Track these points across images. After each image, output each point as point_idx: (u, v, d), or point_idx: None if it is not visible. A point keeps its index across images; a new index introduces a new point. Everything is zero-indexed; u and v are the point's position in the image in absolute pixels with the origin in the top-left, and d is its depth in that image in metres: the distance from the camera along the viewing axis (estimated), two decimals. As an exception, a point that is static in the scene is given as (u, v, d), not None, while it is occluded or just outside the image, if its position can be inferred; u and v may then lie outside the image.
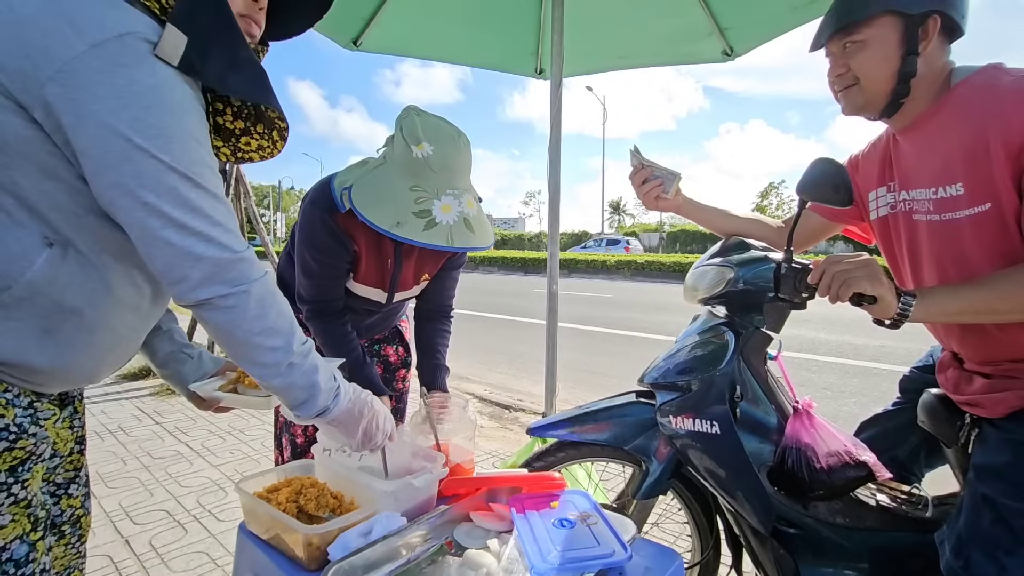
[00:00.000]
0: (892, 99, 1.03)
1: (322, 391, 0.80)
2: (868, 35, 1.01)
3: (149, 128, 0.64)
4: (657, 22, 2.43)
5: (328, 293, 1.35)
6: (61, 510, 0.86)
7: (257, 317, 0.73)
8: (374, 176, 1.20)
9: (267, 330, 0.73)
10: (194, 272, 0.68)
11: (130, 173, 0.64)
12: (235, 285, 0.70)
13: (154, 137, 0.64)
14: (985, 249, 0.96)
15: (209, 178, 0.70)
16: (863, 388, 4.59)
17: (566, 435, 1.41)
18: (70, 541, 0.87)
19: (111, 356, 0.81)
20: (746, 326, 1.24)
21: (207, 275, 0.69)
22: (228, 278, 0.70)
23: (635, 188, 1.39)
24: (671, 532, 2.13)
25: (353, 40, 2.45)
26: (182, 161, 0.66)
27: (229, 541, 2.08)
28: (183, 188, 0.67)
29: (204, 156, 0.70)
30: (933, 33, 0.98)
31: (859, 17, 1.01)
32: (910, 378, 1.37)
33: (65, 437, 0.84)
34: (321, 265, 1.30)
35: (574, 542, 0.83)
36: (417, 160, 1.15)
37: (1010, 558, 0.91)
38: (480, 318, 8.86)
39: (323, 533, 0.83)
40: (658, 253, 27.59)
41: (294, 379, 0.77)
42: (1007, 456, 0.96)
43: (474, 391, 4.46)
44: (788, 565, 1.20)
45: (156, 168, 0.65)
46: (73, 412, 0.87)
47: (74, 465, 0.88)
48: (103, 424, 3.37)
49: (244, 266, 0.71)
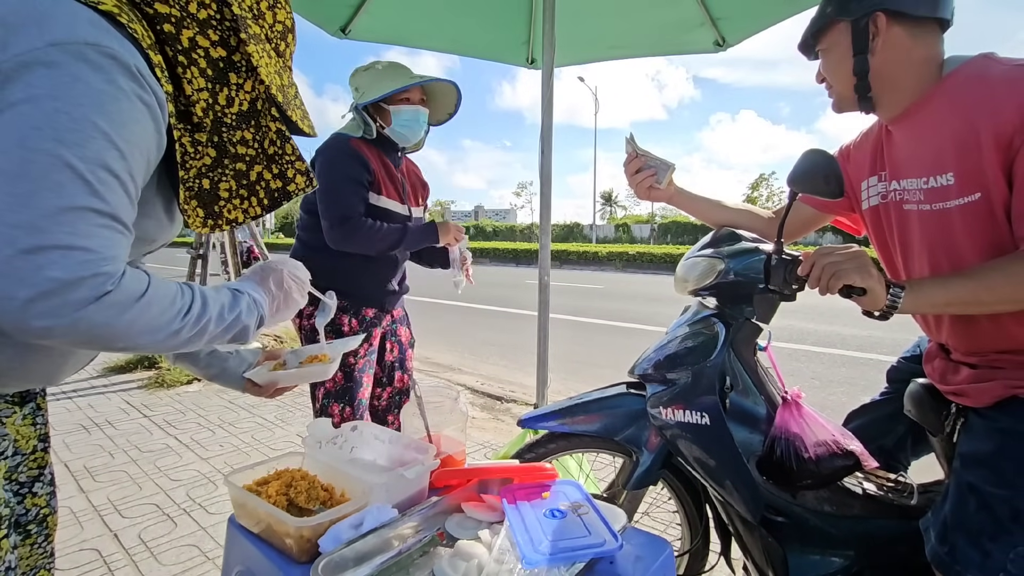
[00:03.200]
0: (858, 96, 1.09)
1: (242, 316, 0.78)
2: (827, 43, 1.11)
3: (69, 122, 0.57)
4: (649, 12, 2.42)
5: (356, 207, 1.66)
6: (26, 509, 0.84)
7: (121, 329, 0.61)
8: (367, 95, 1.67)
9: (144, 330, 0.64)
10: (26, 288, 0.54)
11: (17, 159, 0.54)
12: (82, 307, 0.57)
13: (68, 131, 0.57)
14: (975, 239, 0.96)
15: (112, 188, 0.60)
16: (851, 378, 4.65)
17: (557, 426, 1.41)
18: (36, 540, 0.86)
19: (73, 358, 0.79)
20: (736, 317, 1.24)
21: (45, 292, 0.54)
22: (74, 299, 0.56)
23: (628, 177, 1.39)
24: (661, 521, 2.15)
25: (342, 28, 2.41)
26: (88, 162, 0.57)
27: (219, 534, 2.07)
28: (69, 188, 0.56)
29: (119, 170, 0.61)
30: (883, 28, 1.01)
31: (816, 28, 1.11)
32: (897, 368, 1.38)
33: (27, 434, 0.83)
34: (347, 181, 1.65)
35: (565, 532, 0.83)
36: (379, 71, 1.72)
37: (994, 544, 0.92)
38: (472, 309, 8.85)
39: (314, 525, 0.83)
40: (649, 244, 27.65)
41: (209, 333, 0.72)
42: (992, 444, 0.98)
43: (466, 382, 4.47)
44: (776, 553, 1.21)
45: (52, 162, 0.56)
46: (35, 409, 0.85)
47: (38, 463, 0.86)
48: (90, 418, 3.33)
49: (99, 280, 0.58)
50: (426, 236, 1.80)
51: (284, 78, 0.83)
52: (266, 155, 0.82)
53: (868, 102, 1.09)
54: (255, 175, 0.82)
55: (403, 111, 1.72)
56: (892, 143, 1.11)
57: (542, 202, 2.19)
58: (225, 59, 0.74)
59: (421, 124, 1.78)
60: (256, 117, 0.80)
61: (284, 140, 0.82)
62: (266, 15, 0.80)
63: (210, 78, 0.74)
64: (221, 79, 0.75)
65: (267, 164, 0.82)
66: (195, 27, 0.71)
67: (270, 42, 0.81)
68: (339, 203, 1.65)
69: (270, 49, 0.81)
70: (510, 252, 23.71)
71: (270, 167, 0.83)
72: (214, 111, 0.75)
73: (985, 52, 0.99)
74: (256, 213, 0.84)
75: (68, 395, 3.74)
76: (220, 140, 0.78)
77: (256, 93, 0.78)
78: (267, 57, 0.79)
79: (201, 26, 0.72)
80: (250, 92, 0.78)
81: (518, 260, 22.70)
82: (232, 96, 0.76)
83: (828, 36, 1.10)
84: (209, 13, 0.72)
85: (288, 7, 0.84)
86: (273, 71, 0.80)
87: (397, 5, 2.40)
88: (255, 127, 0.80)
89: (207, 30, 0.72)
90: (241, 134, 0.79)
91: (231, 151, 0.79)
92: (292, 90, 0.85)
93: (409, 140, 1.79)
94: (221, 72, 0.74)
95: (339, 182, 1.65)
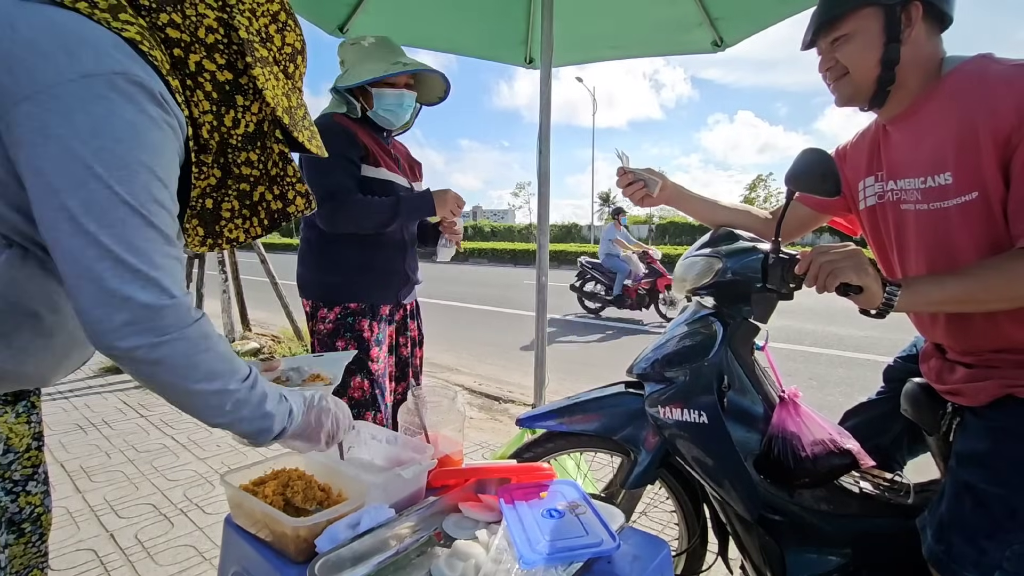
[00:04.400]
0: (878, 87, 1.04)
1: (275, 418, 0.77)
2: (851, 28, 1.04)
3: (115, 159, 0.60)
4: (648, 12, 2.42)
5: (344, 183, 1.60)
6: (19, 507, 0.83)
7: (189, 366, 0.66)
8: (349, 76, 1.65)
9: (203, 376, 0.68)
10: (118, 315, 0.61)
11: (80, 198, 0.59)
12: (163, 335, 0.63)
13: (117, 168, 0.60)
14: (972, 238, 0.97)
15: (164, 219, 0.65)
16: (848, 378, 4.65)
17: (555, 426, 1.41)
18: (30, 539, 0.85)
19: (67, 361, 0.79)
20: (734, 316, 1.24)
21: (131, 320, 0.61)
22: (157, 326, 0.63)
23: (621, 189, 1.41)
24: (659, 520, 2.15)
25: (339, 27, 2.41)
26: (139, 197, 0.62)
27: (216, 534, 2.06)
28: (131, 223, 0.62)
29: (165, 199, 0.66)
30: (916, 19, 0.99)
31: (842, 11, 1.03)
32: (894, 368, 1.39)
33: (20, 432, 0.82)
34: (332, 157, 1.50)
35: (562, 532, 0.83)
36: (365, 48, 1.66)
37: (990, 542, 0.93)
38: (470, 310, 8.84)
39: (311, 525, 0.82)
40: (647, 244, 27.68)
41: (243, 414, 0.73)
42: (987, 443, 0.98)
43: (464, 382, 4.46)
44: (774, 551, 1.21)
45: (109, 198, 0.60)
46: (29, 407, 0.84)
47: (32, 462, 0.85)
48: (86, 417, 3.32)
49: (177, 313, 0.64)
50: (422, 207, 1.67)
51: (292, 99, 0.84)
52: (269, 176, 0.84)
53: (883, 96, 1.05)
54: (258, 195, 0.83)
55: (386, 95, 1.67)
56: (889, 143, 1.11)
57: (540, 202, 2.19)
58: (232, 82, 0.76)
59: (406, 108, 1.72)
60: (262, 138, 0.81)
61: (286, 162, 0.84)
62: (275, 38, 0.81)
63: (215, 100, 0.75)
64: (227, 101, 0.76)
65: (270, 185, 0.84)
66: (202, 51, 0.73)
67: (278, 64, 0.82)
68: (325, 180, 1.58)
69: (278, 71, 0.82)
70: (508, 252, 23.70)
71: (272, 188, 0.84)
72: (220, 132, 0.77)
73: (983, 52, 0.99)
74: (257, 233, 0.86)
75: (64, 395, 3.73)
76: (226, 160, 0.79)
77: (263, 115, 0.80)
78: (274, 79, 0.80)
79: (208, 50, 0.74)
80: (257, 114, 0.79)
81: (516, 260, 22.70)
82: (239, 118, 0.78)
83: (854, 20, 1.03)
84: (216, 37, 0.74)
85: (298, 30, 0.85)
86: (280, 93, 0.81)
87: (395, 4, 2.40)
88: (260, 148, 0.81)
89: (214, 54, 0.74)
90: (246, 155, 0.80)
91: (236, 171, 0.81)
92: (301, 111, 0.86)
93: (393, 124, 1.74)
94: (227, 94, 0.76)
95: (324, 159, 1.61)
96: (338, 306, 1.67)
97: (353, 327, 1.66)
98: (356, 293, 1.68)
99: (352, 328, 1.66)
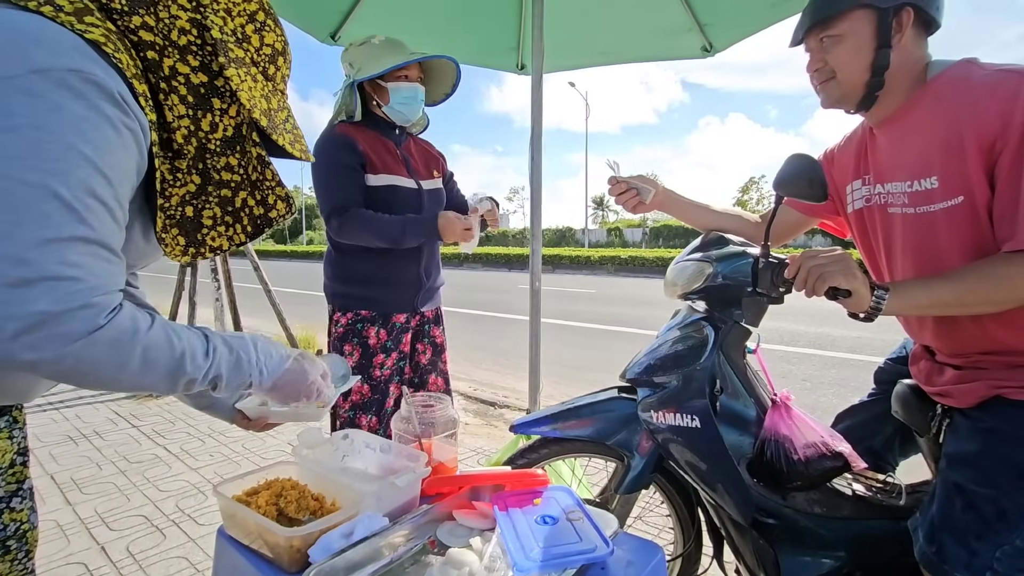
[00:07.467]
0: (867, 92, 1.05)
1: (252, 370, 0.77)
2: (843, 29, 1.04)
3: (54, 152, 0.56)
4: (638, 18, 2.44)
5: (349, 194, 1.62)
6: (4, 524, 0.82)
7: (116, 367, 0.61)
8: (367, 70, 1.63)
9: (137, 371, 0.63)
10: (13, 321, 0.53)
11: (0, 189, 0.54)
12: (72, 341, 0.56)
13: (53, 160, 0.56)
14: (958, 242, 0.98)
15: (100, 216, 0.60)
16: (841, 379, 4.68)
17: (549, 431, 1.41)
18: (16, 557, 0.84)
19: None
20: (725, 320, 1.25)
21: (33, 324, 0.54)
22: (63, 332, 0.55)
23: (614, 198, 1.42)
24: (654, 525, 2.15)
25: (331, 35, 2.41)
26: (74, 189, 0.57)
27: (209, 545, 2.04)
28: (55, 217, 0.56)
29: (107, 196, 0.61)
30: (907, 26, 1.00)
31: (834, 12, 1.03)
32: (884, 369, 1.40)
33: (3, 448, 0.81)
34: (335, 171, 1.62)
35: (556, 538, 0.83)
36: (375, 46, 1.66)
37: (980, 542, 0.94)
38: (464, 315, 8.83)
39: (304, 535, 0.82)
40: (641, 248, 27.79)
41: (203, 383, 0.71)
42: (977, 444, 0.99)
43: (458, 388, 4.45)
44: (768, 555, 1.22)
45: (36, 192, 0.55)
46: (11, 422, 0.83)
47: (16, 478, 0.83)
48: (77, 429, 3.28)
49: (90, 313, 0.57)
50: (429, 233, 1.65)
51: (273, 102, 0.82)
52: (250, 181, 0.81)
53: (871, 100, 1.06)
54: (240, 201, 0.81)
55: (402, 87, 1.67)
56: (876, 146, 1.12)
57: (532, 207, 2.20)
58: (207, 84, 0.74)
59: (419, 101, 1.72)
60: (242, 142, 0.79)
61: (264, 166, 0.81)
62: (252, 38, 0.79)
63: (191, 104, 0.73)
64: (203, 105, 0.74)
65: (251, 190, 0.82)
66: (176, 54, 0.71)
67: (256, 65, 0.80)
68: (329, 194, 1.63)
69: (256, 72, 0.79)
70: (502, 257, 23.72)
71: (253, 193, 0.82)
72: (197, 137, 0.74)
73: (968, 57, 1.01)
74: (240, 240, 0.83)
75: (55, 406, 3.69)
76: (205, 167, 0.76)
77: (241, 118, 0.78)
78: (251, 80, 0.78)
79: (181, 52, 0.71)
80: (235, 117, 0.77)
81: (510, 265, 22.71)
82: (216, 122, 0.75)
83: (845, 22, 1.03)
84: (189, 39, 0.71)
85: (279, 30, 0.83)
86: (258, 95, 0.79)
87: (387, 11, 2.41)
88: (240, 152, 0.79)
89: (187, 56, 0.72)
90: (226, 160, 0.78)
91: (215, 177, 0.78)
92: (283, 114, 0.84)
93: (408, 118, 1.73)
94: (203, 98, 0.74)
95: (326, 173, 1.63)
96: (351, 312, 1.71)
97: (360, 333, 1.70)
98: (367, 301, 1.71)
99: (360, 334, 1.70)
